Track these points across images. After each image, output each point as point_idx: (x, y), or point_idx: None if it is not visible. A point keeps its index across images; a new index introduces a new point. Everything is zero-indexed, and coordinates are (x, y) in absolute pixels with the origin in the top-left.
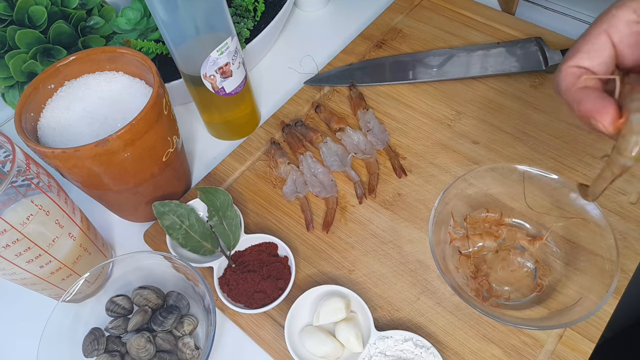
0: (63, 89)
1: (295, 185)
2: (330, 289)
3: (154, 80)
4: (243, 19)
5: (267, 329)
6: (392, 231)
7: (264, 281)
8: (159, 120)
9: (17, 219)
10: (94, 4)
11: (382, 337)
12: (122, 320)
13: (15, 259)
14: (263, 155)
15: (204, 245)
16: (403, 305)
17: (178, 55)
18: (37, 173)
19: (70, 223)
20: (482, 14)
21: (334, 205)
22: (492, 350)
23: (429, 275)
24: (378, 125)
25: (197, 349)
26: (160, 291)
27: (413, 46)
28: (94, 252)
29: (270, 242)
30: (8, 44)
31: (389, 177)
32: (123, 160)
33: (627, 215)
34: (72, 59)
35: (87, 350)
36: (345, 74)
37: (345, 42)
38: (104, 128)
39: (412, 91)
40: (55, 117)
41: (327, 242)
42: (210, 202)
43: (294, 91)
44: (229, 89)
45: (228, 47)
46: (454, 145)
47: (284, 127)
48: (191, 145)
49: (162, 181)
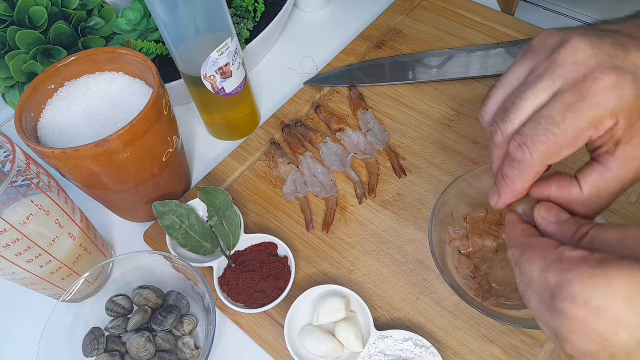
0: (63, 90)
1: (295, 185)
2: (330, 289)
3: (154, 81)
4: (243, 20)
5: (267, 329)
6: (392, 231)
7: (264, 281)
8: (159, 120)
9: (17, 219)
10: (94, 5)
11: (382, 336)
12: (122, 320)
13: (15, 259)
14: (263, 156)
15: (204, 245)
16: (403, 305)
17: (178, 56)
18: (37, 173)
19: (70, 223)
20: (481, 14)
21: (334, 205)
22: (492, 350)
23: (429, 275)
24: (378, 126)
25: (197, 348)
26: (160, 291)
27: (413, 47)
28: (94, 252)
29: (270, 242)
30: (9, 45)
31: (389, 177)
32: (123, 161)
33: (627, 215)
34: (73, 60)
35: (87, 350)
36: (345, 75)
37: (345, 43)
38: (104, 128)
39: (412, 91)
40: (56, 118)
41: (327, 242)
42: (210, 202)
43: (294, 92)
44: (229, 90)
45: (228, 47)
46: (454, 145)
47: (284, 127)
48: (191, 146)
49: (162, 181)
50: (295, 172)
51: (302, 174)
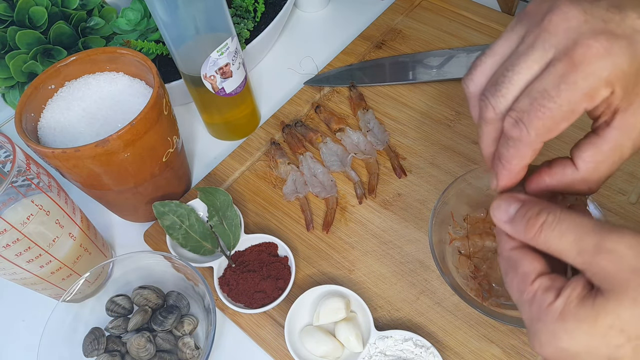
0: (63, 90)
1: (295, 185)
2: (330, 289)
3: (154, 81)
4: (243, 20)
5: (267, 329)
6: (392, 231)
7: (264, 281)
8: (159, 120)
9: (17, 218)
10: (94, 5)
11: (382, 336)
12: (122, 320)
13: (15, 259)
14: (263, 156)
15: (204, 245)
16: (403, 305)
17: (178, 56)
18: (38, 173)
19: (71, 223)
20: (481, 14)
21: (334, 205)
22: (492, 350)
23: (428, 275)
24: (378, 126)
25: (197, 348)
26: (160, 291)
27: (413, 47)
28: (94, 252)
29: (270, 242)
30: (9, 45)
31: (389, 177)
32: (123, 161)
33: (627, 215)
34: (73, 60)
35: (87, 350)
36: (345, 75)
37: (345, 43)
38: (104, 128)
39: (412, 91)
40: (56, 117)
41: (327, 242)
42: (210, 202)
43: (294, 92)
44: (229, 90)
45: (228, 47)
46: (454, 145)
47: (284, 127)
48: (191, 146)
49: (162, 181)
50: (295, 172)
51: (302, 174)
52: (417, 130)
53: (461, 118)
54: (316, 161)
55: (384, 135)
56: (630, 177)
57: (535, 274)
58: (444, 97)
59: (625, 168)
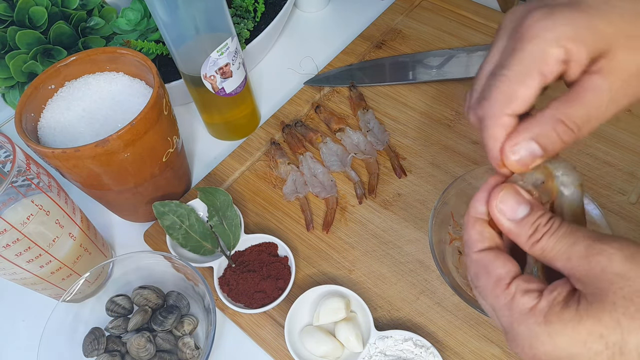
0: (63, 89)
1: (295, 185)
2: (330, 289)
3: (154, 81)
4: (243, 20)
5: (267, 329)
6: (392, 231)
7: (264, 281)
8: (159, 120)
9: (17, 218)
10: (94, 5)
11: (382, 336)
12: (122, 320)
13: (15, 259)
14: (263, 156)
15: (204, 245)
16: (403, 305)
17: (178, 56)
18: (38, 173)
19: (71, 223)
20: (481, 14)
21: (334, 205)
22: (492, 350)
23: (428, 275)
24: (378, 126)
25: (197, 348)
26: (160, 291)
27: (413, 47)
28: (94, 252)
29: (270, 242)
30: (8, 45)
31: (389, 177)
32: (123, 161)
33: (627, 215)
34: (73, 60)
35: (87, 350)
36: (345, 75)
37: (345, 43)
38: (104, 128)
39: (412, 91)
40: (56, 117)
41: (327, 242)
42: (210, 202)
43: (294, 92)
44: (229, 90)
45: (228, 47)
46: (454, 145)
47: (284, 127)
48: (191, 146)
49: (162, 181)
50: (295, 172)
51: (302, 174)
52: (417, 130)
53: (461, 118)
54: (316, 161)
55: (384, 135)
56: (630, 177)
57: (509, 277)
58: (444, 97)
59: (625, 168)
